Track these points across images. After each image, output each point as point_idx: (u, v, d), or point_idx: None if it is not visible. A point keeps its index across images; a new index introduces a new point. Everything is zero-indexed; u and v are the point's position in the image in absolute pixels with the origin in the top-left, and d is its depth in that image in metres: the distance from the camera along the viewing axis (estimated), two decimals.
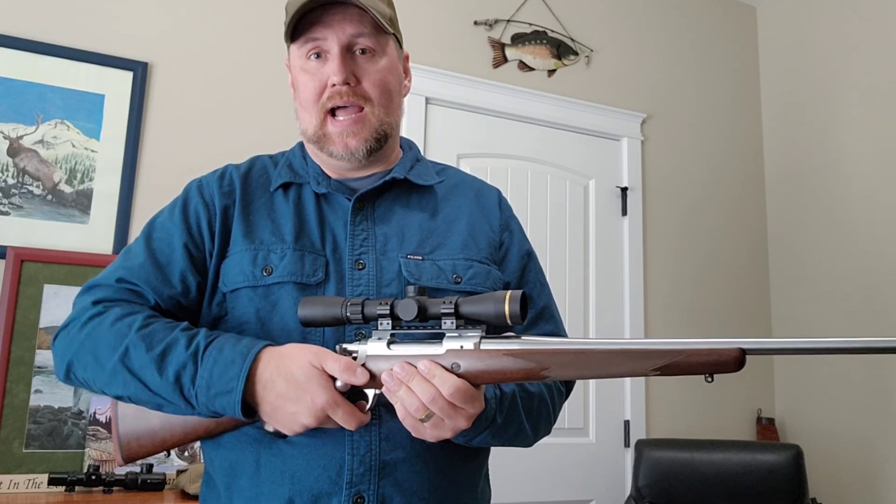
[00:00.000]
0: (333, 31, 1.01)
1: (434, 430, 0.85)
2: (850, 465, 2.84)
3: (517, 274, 1.11)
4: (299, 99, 1.05)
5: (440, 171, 1.17)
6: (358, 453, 0.94)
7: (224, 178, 1.08)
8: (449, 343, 0.86)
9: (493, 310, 0.83)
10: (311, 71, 1.03)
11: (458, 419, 0.85)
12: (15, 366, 2.02)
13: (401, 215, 1.07)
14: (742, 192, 3.32)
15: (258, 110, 2.45)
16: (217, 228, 1.03)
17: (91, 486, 1.93)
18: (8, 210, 2.14)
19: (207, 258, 1.02)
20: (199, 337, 0.91)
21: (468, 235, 1.08)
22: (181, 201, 1.06)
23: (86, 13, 2.30)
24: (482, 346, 0.85)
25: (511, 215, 1.17)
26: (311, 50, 1.03)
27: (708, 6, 3.40)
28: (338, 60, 1.01)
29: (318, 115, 1.03)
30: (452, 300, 0.86)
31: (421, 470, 0.96)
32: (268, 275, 0.99)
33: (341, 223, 1.04)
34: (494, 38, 2.90)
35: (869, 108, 2.92)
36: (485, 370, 0.85)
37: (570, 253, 2.91)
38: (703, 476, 2.48)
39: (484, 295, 0.85)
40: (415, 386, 0.83)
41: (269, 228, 1.03)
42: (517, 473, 2.61)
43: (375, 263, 1.02)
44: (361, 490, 0.93)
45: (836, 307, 2.95)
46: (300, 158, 1.12)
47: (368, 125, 1.03)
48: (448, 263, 1.04)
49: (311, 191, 1.07)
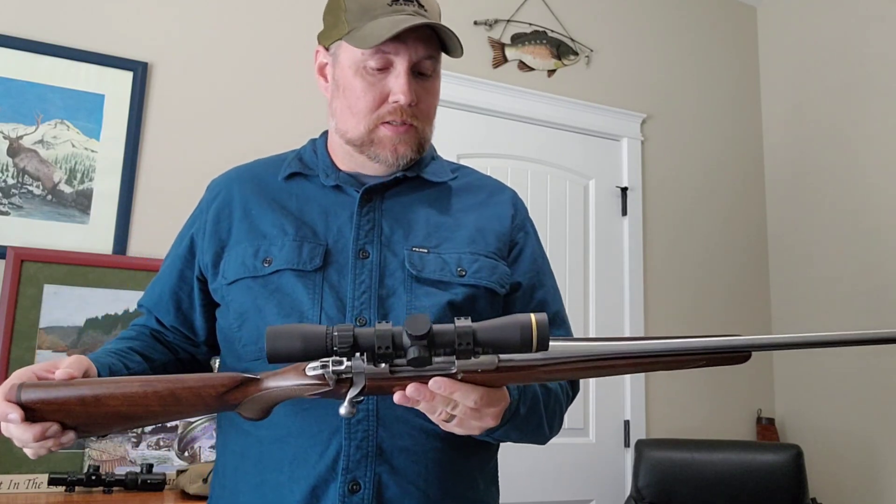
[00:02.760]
0: (406, 50, 1.00)
1: (461, 428, 0.84)
2: (850, 465, 2.84)
3: (531, 275, 1.10)
4: (349, 103, 1.03)
5: (455, 169, 1.17)
6: (355, 439, 0.94)
7: (218, 198, 1.10)
8: (463, 364, 0.78)
9: (519, 336, 0.74)
10: (370, 79, 1.01)
11: (486, 418, 0.84)
12: (15, 366, 2.02)
13: (409, 210, 1.07)
14: (742, 192, 3.32)
15: (259, 110, 2.45)
16: (209, 259, 1.06)
17: (91, 487, 1.93)
18: (8, 210, 2.14)
19: (204, 272, 1.07)
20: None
21: (476, 230, 1.07)
22: (187, 222, 1.13)
23: (86, 13, 2.30)
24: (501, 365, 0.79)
25: (527, 217, 1.16)
26: (379, 60, 1.00)
27: (708, 6, 3.40)
28: (405, 80, 1.00)
29: (372, 123, 1.02)
30: (466, 322, 0.75)
31: (419, 459, 0.96)
32: (267, 265, 1.01)
33: (348, 213, 1.04)
34: (494, 38, 2.90)
35: (869, 108, 2.92)
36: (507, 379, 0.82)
37: (570, 253, 2.91)
38: (703, 476, 2.48)
39: (504, 320, 0.76)
40: (436, 405, 0.79)
41: (270, 221, 1.04)
42: (517, 473, 2.61)
43: (379, 254, 1.01)
44: (357, 476, 0.93)
45: (836, 307, 2.95)
46: (311, 153, 1.12)
47: (417, 137, 1.04)
48: (453, 257, 1.03)
49: (319, 182, 1.08)
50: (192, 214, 1.14)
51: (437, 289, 1.00)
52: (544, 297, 1.11)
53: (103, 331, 2.14)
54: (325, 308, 0.98)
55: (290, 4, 2.55)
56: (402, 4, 1.00)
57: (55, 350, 2.07)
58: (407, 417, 0.95)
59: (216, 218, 1.08)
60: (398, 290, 1.00)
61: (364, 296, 0.99)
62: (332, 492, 0.93)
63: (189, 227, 1.13)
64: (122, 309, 2.17)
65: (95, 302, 2.15)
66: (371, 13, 0.99)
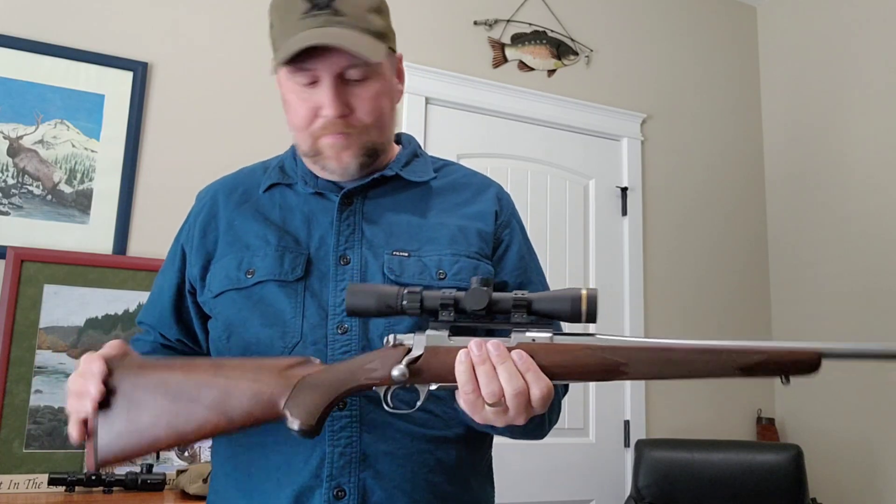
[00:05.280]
0: (326, 62, 0.95)
1: (492, 417, 0.82)
2: (850, 466, 2.84)
3: (518, 271, 1.09)
4: (290, 118, 1.03)
5: (441, 166, 1.14)
6: (339, 446, 0.94)
7: (204, 210, 1.10)
8: (518, 336, 0.83)
9: (570, 308, 0.81)
10: (301, 94, 0.99)
11: (522, 416, 0.82)
12: (15, 366, 2.02)
13: (391, 211, 1.05)
14: (742, 192, 3.32)
15: (258, 110, 2.45)
16: (196, 272, 1.06)
17: (91, 487, 1.93)
18: (8, 210, 2.14)
19: (195, 283, 1.08)
20: None
21: (458, 230, 1.05)
22: (175, 240, 1.13)
23: (86, 13, 2.30)
24: (556, 341, 0.82)
25: (513, 213, 1.14)
26: (302, 77, 0.98)
27: (708, 6, 3.40)
28: (331, 93, 0.96)
29: (309, 138, 1.01)
30: (524, 294, 0.83)
31: (404, 463, 0.95)
32: (250, 276, 1.01)
33: (328, 220, 1.03)
34: (494, 38, 2.90)
35: (869, 108, 2.92)
36: (562, 365, 0.82)
37: (570, 253, 2.91)
38: (703, 476, 2.48)
39: (558, 292, 0.83)
40: (502, 372, 0.79)
41: (254, 232, 1.04)
42: (517, 473, 2.61)
43: (360, 259, 1.01)
44: (342, 483, 0.93)
45: (836, 307, 2.95)
46: (291, 160, 1.11)
47: (360, 143, 1.01)
48: (434, 259, 1.01)
49: (299, 190, 1.07)
50: (182, 227, 1.14)
51: None
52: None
53: (103, 331, 2.14)
54: (308, 317, 0.98)
55: None
56: (313, 14, 0.95)
57: (55, 350, 2.07)
58: (392, 422, 0.94)
59: (203, 231, 1.08)
60: None
61: (345, 303, 0.95)
62: (317, 498, 0.93)
63: (178, 239, 1.13)
64: (122, 309, 2.18)
65: (95, 302, 2.15)
66: (288, 29, 0.96)
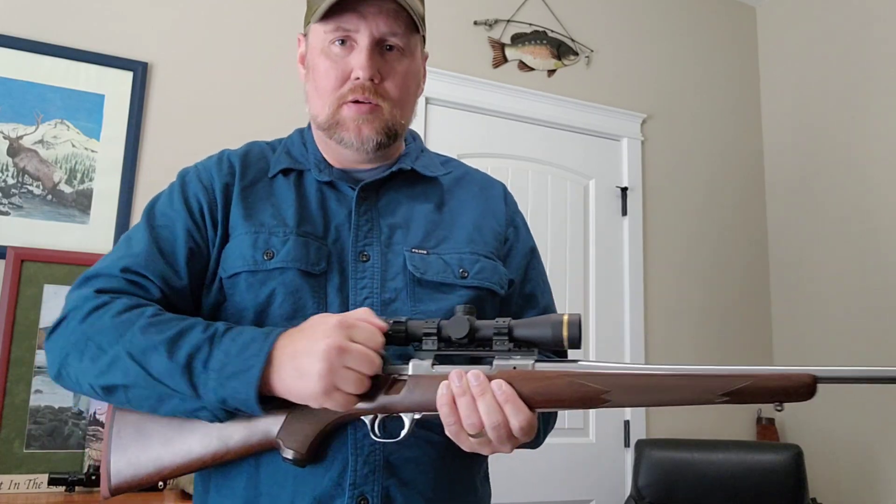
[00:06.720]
0: (367, 24, 0.96)
1: (476, 446, 0.83)
2: (850, 466, 2.84)
3: (521, 271, 1.09)
4: (315, 83, 1.01)
5: (444, 162, 1.14)
6: (362, 453, 0.91)
7: (222, 162, 1.03)
8: (500, 364, 0.83)
9: (551, 334, 0.81)
10: (333, 58, 0.98)
11: (506, 446, 0.82)
12: (15, 366, 2.02)
13: (406, 207, 1.04)
14: (742, 192, 3.32)
15: (258, 110, 2.45)
16: (219, 215, 0.99)
17: (91, 487, 1.93)
18: (8, 210, 2.14)
19: (210, 246, 0.98)
20: (217, 323, 0.88)
21: (474, 229, 1.05)
22: (178, 187, 1.01)
23: (86, 13, 2.30)
24: (537, 368, 0.82)
25: (516, 210, 1.14)
26: (338, 36, 0.98)
27: (708, 6, 3.41)
28: (366, 54, 0.96)
29: (335, 103, 0.99)
30: (505, 321, 0.84)
31: (426, 469, 0.94)
32: (269, 259, 0.95)
33: (345, 213, 1.01)
34: (494, 38, 2.90)
35: (870, 108, 2.92)
36: (541, 393, 0.81)
37: (570, 253, 2.91)
38: (703, 476, 2.48)
39: (539, 318, 0.83)
40: (482, 405, 0.80)
41: (269, 212, 0.99)
42: (517, 473, 2.61)
43: (381, 256, 0.98)
44: (365, 491, 0.91)
45: (837, 307, 2.95)
46: (299, 145, 1.08)
47: (382, 118, 0.99)
48: (454, 258, 1.01)
49: (312, 178, 1.03)
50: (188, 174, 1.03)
51: (441, 292, 0.98)
52: (533, 291, 1.10)
53: None
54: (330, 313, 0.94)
55: (289, 4, 2.54)
56: None
57: None
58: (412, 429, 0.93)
59: (223, 191, 1.00)
60: (401, 294, 0.97)
61: (367, 301, 0.96)
62: None
63: (187, 186, 1.01)
64: None
65: None
66: None
